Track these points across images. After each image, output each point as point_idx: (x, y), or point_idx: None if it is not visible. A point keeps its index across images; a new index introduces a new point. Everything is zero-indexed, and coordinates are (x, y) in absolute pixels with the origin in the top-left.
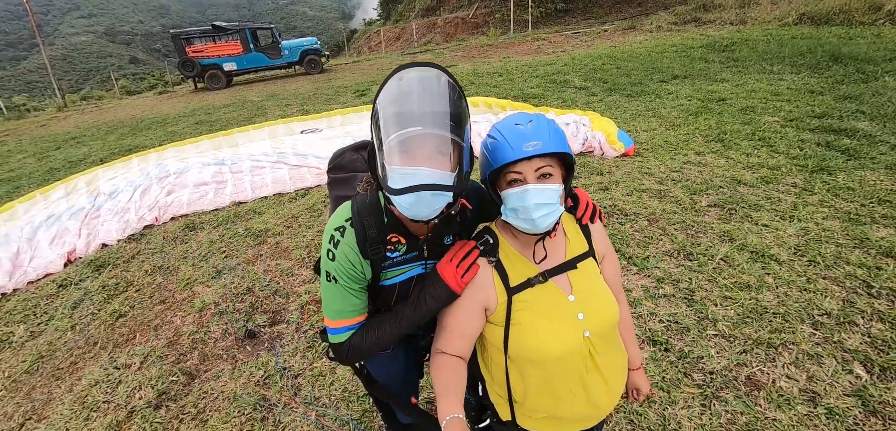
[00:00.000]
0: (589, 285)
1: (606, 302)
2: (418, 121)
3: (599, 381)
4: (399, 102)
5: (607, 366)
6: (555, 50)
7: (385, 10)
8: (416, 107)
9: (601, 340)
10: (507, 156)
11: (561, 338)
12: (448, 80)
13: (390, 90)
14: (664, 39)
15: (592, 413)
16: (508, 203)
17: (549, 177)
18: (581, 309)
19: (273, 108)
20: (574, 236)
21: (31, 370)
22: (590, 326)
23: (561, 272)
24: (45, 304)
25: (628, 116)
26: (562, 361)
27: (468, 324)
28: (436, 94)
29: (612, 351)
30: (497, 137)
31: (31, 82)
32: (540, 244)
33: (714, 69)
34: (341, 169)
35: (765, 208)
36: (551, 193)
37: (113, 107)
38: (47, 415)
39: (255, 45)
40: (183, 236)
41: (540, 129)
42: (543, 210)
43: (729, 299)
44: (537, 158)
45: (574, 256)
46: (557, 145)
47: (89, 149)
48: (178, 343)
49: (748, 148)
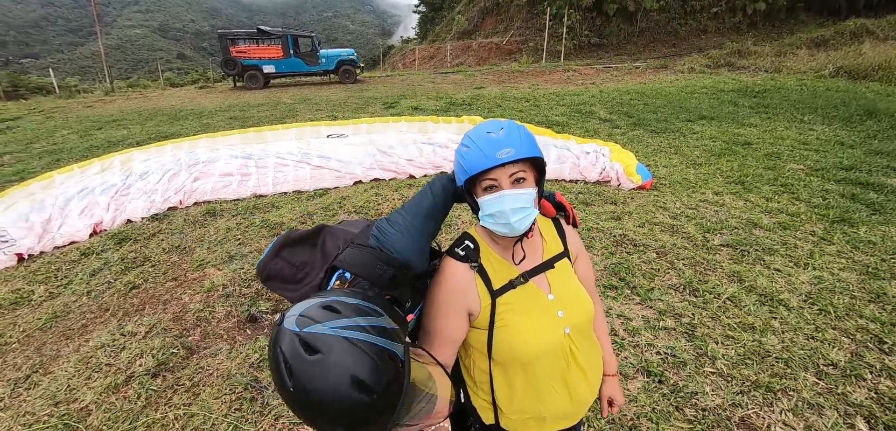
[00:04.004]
0: (566, 284)
1: (583, 299)
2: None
3: (580, 376)
4: None
5: (586, 361)
6: (584, 82)
7: (423, 29)
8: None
9: (580, 336)
10: (482, 163)
11: (544, 336)
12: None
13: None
14: (695, 80)
15: (573, 411)
16: (485, 209)
17: (523, 181)
18: (560, 306)
19: (304, 111)
20: (550, 237)
21: (44, 327)
22: (569, 323)
23: (540, 272)
24: (66, 269)
25: (650, 151)
26: (545, 358)
27: (454, 330)
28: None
29: (589, 347)
30: (470, 146)
31: (85, 67)
32: (518, 245)
33: (743, 113)
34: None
35: (779, 253)
36: (526, 197)
37: (156, 97)
38: (53, 370)
39: (295, 50)
40: (203, 220)
41: (511, 136)
42: (520, 213)
43: (731, 338)
44: (510, 165)
45: (551, 256)
46: (529, 150)
47: (129, 132)
48: (184, 318)
49: (769, 192)
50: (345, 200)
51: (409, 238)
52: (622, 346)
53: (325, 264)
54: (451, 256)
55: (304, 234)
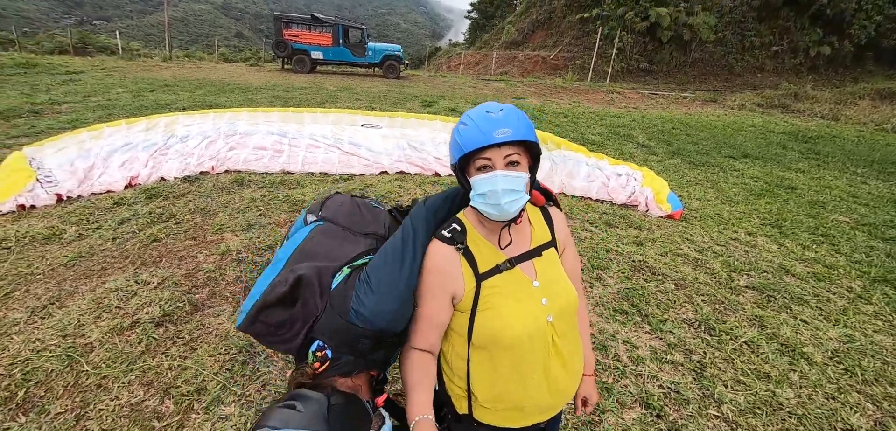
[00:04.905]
0: (552, 272)
1: (568, 288)
2: None
3: (560, 366)
4: None
5: (567, 350)
6: (627, 105)
7: (472, 35)
8: None
9: (563, 326)
10: (478, 141)
11: (527, 321)
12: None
13: None
14: (744, 118)
15: (551, 402)
16: (477, 188)
17: (517, 164)
18: (544, 294)
19: (344, 99)
20: (538, 225)
21: (68, 264)
22: (553, 311)
23: (527, 259)
24: (98, 214)
25: (685, 182)
26: (527, 344)
27: (438, 312)
28: None
29: (571, 338)
30: (468, 124)
31: (151, 34)
32: (506, 230)
33: (790, 157)
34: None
35: (809, 304)
36: (518, 180)
37: (208, 69)
38: (68, 305)
39: (344, 40)
40: (230, 188)
41: (510, 118)
42: (511, 195)
43: (742, 384)
44: (506, 146)
45: (539, 244)
46: (526, 133)
47: (177, 98)
48: (195, 276)
49: (807, 240)
50: (368, 187)
51: (387, 299)
52: (623, 373)
53: (306, 320)
54: (438, 238)
55: (282, 295)
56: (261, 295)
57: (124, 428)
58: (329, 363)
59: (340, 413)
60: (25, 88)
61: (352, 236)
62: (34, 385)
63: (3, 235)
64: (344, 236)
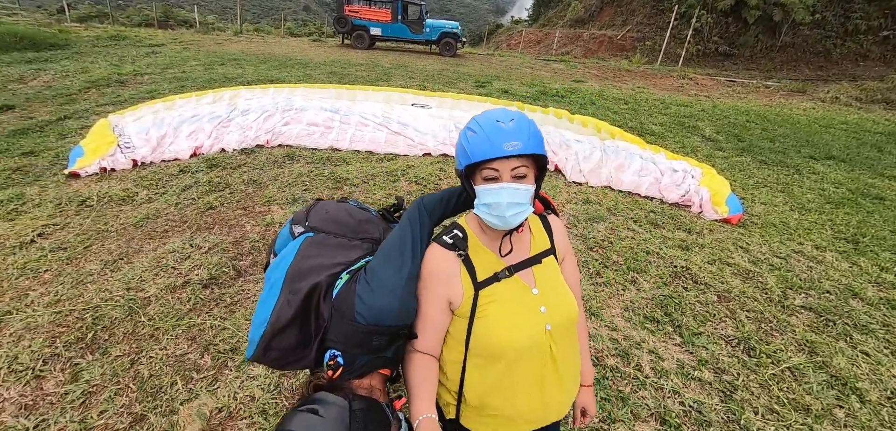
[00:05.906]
0: (552, 280)
1: (567, 298)
2: None
3: (555, 378)
4: None
5: (564, 364)
6: (698, 93)
7: (536, 11)
8: None
9: (561, 336)
10: (486, 152)
11: (525, 330)
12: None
13: None
14: (836, 113)
15: (543, 415)
16: (482, 198)
17: (524, 177)
18: (543, 302)
19: (398, 77)
20: (538, 233)
21: (137, 224)
22: (551, 320)
23: (526, 266)
24: (166, 180)
25: (751, 183)
26: (524, 353)
27: (436, 316)
28: None
29: (570, 349)
30: (476, 131)
31: (226, 7)
32: (506, 238)
33: (885, 162)
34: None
35: (874, 334)
36: (524, 193)
37: (274, 43)
38: (133, 261)
39: (403, 17)
40: (281, 162)
41: (520, 130)
42: (515, 208)
43: (775, 414)
44: (515, 158)
45: (538, 252)
46: (535, 147)
47: (243, 72)
48: (242, 243)
49: (887, 261)
50: (409, 169)
51: (387, 298)
52: (643, 385)
53: (317, 334)
54: (439, 243)
55: (291, 317)
56: (268, 322)
57: (168, 376)
58: (342, 369)
59: (362, 418)
60: (114, 59)
61: (346, 242)
62: (100, 330)
63: (88, 194)
64: (338, 244)
